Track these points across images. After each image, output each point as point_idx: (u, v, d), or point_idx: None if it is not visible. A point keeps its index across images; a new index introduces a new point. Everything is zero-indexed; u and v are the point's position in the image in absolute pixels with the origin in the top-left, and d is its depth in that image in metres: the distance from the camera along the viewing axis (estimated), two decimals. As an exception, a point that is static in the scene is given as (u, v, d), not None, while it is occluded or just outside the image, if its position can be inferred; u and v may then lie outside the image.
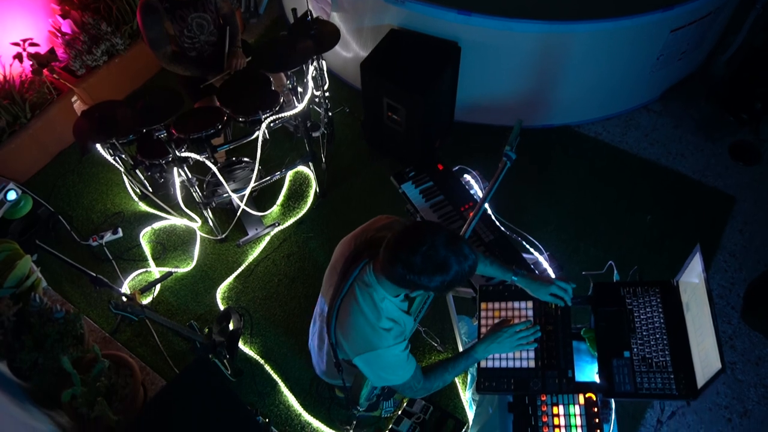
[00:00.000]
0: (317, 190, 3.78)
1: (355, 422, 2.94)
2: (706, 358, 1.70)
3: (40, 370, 2.67)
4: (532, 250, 2.61)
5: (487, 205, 2.84)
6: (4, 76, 3.80)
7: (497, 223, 2.63)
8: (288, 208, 3.80)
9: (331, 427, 2.97)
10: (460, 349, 3.10)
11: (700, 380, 1.73)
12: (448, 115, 3.88)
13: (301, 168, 3.91)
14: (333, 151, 4.01)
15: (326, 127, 3.86)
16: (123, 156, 3.28)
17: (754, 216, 3.65)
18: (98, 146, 3.25)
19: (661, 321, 1.92)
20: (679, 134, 4.04)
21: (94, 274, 2.79)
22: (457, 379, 3.07)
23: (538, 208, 3.68)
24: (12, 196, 3.51)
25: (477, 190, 2.86)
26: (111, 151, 3.32)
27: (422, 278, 1.54)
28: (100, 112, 3.03)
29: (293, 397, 3.08)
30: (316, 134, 3.91)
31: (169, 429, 2.16)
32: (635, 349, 1.89)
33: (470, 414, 2.90)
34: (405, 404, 2.94)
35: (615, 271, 2.13)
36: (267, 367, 3.18)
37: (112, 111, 3.02)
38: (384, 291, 1.70)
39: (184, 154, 3.04)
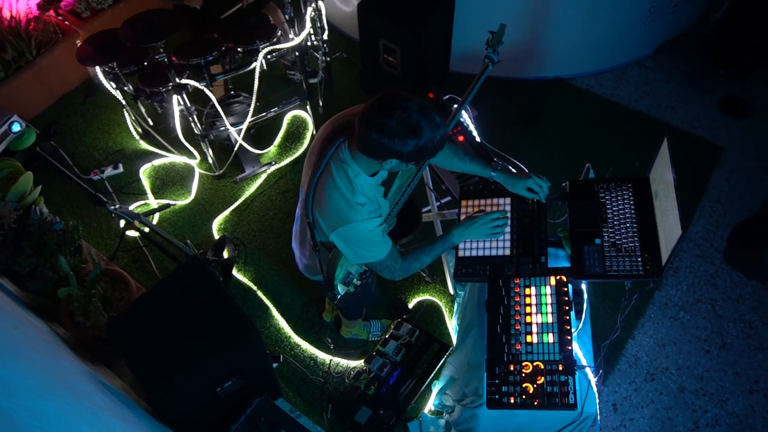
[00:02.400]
0: (314, 133, 3.87)
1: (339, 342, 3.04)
2: (670, 233, 1.78)
3: (38, 277, 2.77)
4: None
5: (476, 134, 2.94)
6: (11, 13, 3.90)
7: (481, 142, 2.72)
8: (285, 148, 3.89)
9: (319, 349, 3.06)
10: (448, 280, 3.19)
11: (665, 256, 1.81)
12: (443, 61, 3.96)
13: (299, 112, 4.00)
14: (330, 97, 4.10)
15: (324, 73, 3.95)
16: (125, 88, 3.38)
17: (741, 165, 3.72)
18: (101, 76, 3.35)
19: (632, 211, 2.00)
20: (670, 88, 4.11)
21: (93, 191, 2.89)
22: (443, 308, 3.15)
23: (527, 151, 3.75)
24: (16, 128, 3.59)
25: (466, 118, 2.94)
26: (114, 84, 3.43)
27: (396, 141, 1.61)
28: (103, 38, 3.13)
29: (284, 320, 3.17)
30: (314, 80, 3.99)
31: (159, 320, 2.24)
32: (606, 237, 1.97)
33: (455, 339, 2.99)
34: (392, 328, 3.03)
35: (591, 172, 2.21)
36: (259, 293, 3.27)
37: (114, 36, 3.11)
38: (358, 167, 1.77)
39: (183, 81, 3.13)
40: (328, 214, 1.80)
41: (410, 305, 3.18)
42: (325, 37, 3.75)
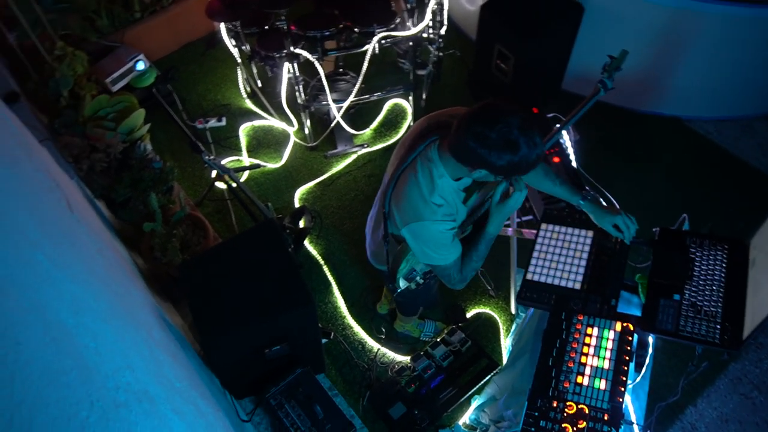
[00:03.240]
0: (410, 125, 3.88)
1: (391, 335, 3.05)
2: (760, 307, 1.64)
3: (130, 208, 2.96)
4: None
5: (573, 158, 2.84)
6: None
7: (577, 168, 2.63)
8: (380, 134, 3.93)
9: (370, 335, 3.09)
10: (512, 299, 3.12)
11: (748, 330, 1.68)
12: (556, 77, 3.84)
13: (401, 101, 4.02)
14: (435, 92, 4.08)
15: (434, 67, 3.93)
16: (243, 47, 3.52)
17: None
18: (224, 32, 3.51)
19: (722, 274, 1.87)
20: (799, 152, 3.80)
21: (194, 139, 3.04)
22: (501, 325, 3.09)
23: (623, 187, 3.56)
24: (140, 66, 3.86)
25: (566, 141, 2.85)
26: (234, 41, 3.58)
27: (491, 154, 1.58)
28: (233, -2, 3.27)
29: (342, 299, 3.22)
30: (422, 72, 3.98)
31: (226, 272, 2.34)
32: (687, 294, 1.85)
33: (505, 359, 2.92)
34: (445, 333, 3.01)
35: (686, 223, 2.08)
36: (325, 268, 3.34)
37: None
38: (444, 169, 1.76)
39: (297, 51, 3.22)
40: (404, 208, 1.80)
41: (468, 314, 3.14)
42: (443, 32, 3.73)
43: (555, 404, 1.72)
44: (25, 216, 1.13)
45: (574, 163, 2.73)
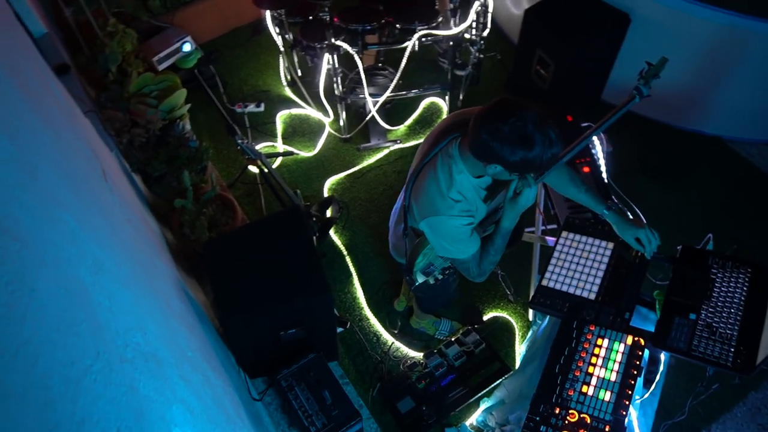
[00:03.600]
0: (445, 124, 3.89)
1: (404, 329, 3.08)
2: (775, 333, 1.62)
3: (164, 183, 3.05)
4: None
5: (604, 170, 2.81)
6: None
7: (607, 181, 2.60)
8: (414, 131, 3.95)
9: (385, 329, 3.12)
10: (531, 309, 3.10)
11: (761, 356, 1.65)
12: (596, 87, 3.80)
13: (438, 100, 4.03)
14: (472, 94, 4.08)
15: (473, 68, 3.93)
16: (287, 36, 3.59)
17: None
18: (269, 20, 3.58)
19: (742, 298, 1.83)
20: None
21: (231, 122, 3.11)
22: (517, 331, 3.08)
23: (653, 202, 3.52)
24: (187, 47, 3.97)
25: (598, 151, 2.82)
26: (278, 29, 3.65)
27: (504, 148, 1.58)
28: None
29: (362, 291, 3.25)
30: (461, 73, 3.98)
31: (250, 253, 2.40)
32: (703, 314, 1.83)
33: (518, 365, 2.92)
34: (460, 333, 3.02)
35: (711, 243, 2.05)
36: (348, 259, 3.38)
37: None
38: (463, 165, 1.77)
39: (337, 43, 3.27)
40: (422, 202, 1.83)
41: (485, 317, 3.14)
42: (485, 34, 3.73)
43: (557, 411, 1.72)
44: (58, 178, 1.20)
45: (604, 175, 2.70)
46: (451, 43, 3.48)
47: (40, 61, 2.26)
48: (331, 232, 3.46)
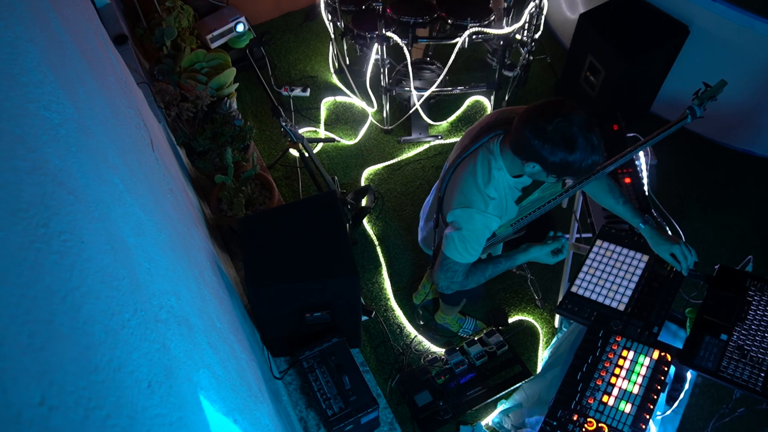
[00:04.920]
0: (488, 123, 3.87)
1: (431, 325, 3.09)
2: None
3: (207, 158, 3.13)
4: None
5: (645, 182, 2.76)
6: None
7: (648, 193, 2.56)
8: (456, 128, 3.94)
9: (410, 321, 3.14)
10: (557, 315, 3.08)
11: (792, 384, 1.61)
12: (646, 98, 3.72)
13: (483, 99, 4.01)
14: (518, 96, 4.05)
15: (522, 70, 3.90)
16: (338, 23, 3.62)
17: None
18: (322, 6, 3.62)
19: (778, 323, 1.79)
20: None
21: (276, 104, 3.16)
22: (541, 337, 3.06)
23: (694, 219, 3.45)
24: (240, 28, 4.04)
25: (642, 163, 2.77)
26: (330, 16, 3.69)
27: (545, 147, 1.58)
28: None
29: (389, 282, 3.28)
30: (509, 73, 3.95)
31: (283, 233, 2.44)
32: (735, 336, 1.79)
33: (539, 370, 2.90)
34: (483, 333, 3.01)
35: (750, 265, 2.00)
36: (378, 249, 3.41)
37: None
38: (503, 162, 1.77)
39: (388, 34, 3.28)
40: (457, 193, 1.82)
41: (510, 320, 3.13)
42: (537, 36, 3.69)
43: (575, 418, 1.71)
44: (110, 141, 1.25)
45: (646, 187, 2.65)
46: (501, 42, 3.46)
47: (101, 29, 2.33)
48: (365, 221, 3.49)
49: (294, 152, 3.62)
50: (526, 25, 3.55)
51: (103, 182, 1.06)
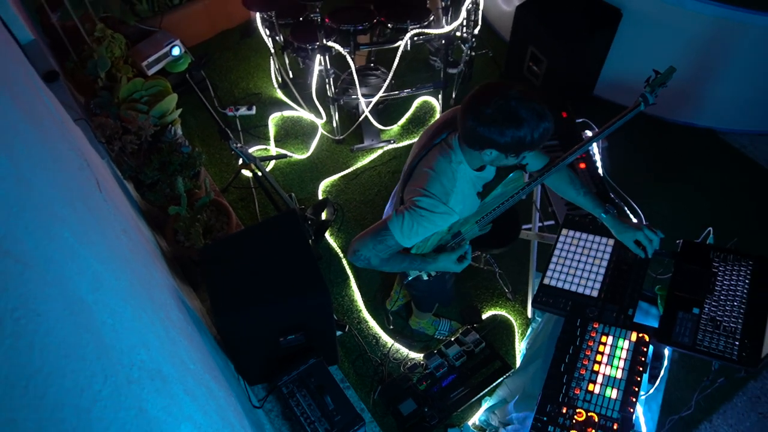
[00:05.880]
0: (439, 122, 3.87)
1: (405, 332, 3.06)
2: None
3: (157, 190, 3.02)
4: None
5: (600, 165, 2.81)
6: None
7: (603, 176, 2.60)
8: (407, 130, 3.93)
9: (384, 330, 3.10)
10: (529, 303, 3.10)
11: (766, 348, 1.65)
12: (588, 83, 3.80)
13: (430, 99, 4.02)
14: (465, 91, 4.07)
15: (465, 66, 3.92)
16: (277, 38, 3.56)
17: None
18: (259, 22, 3.55)
19: (744, 291, 1.83)
20: (836, 171, 3.69)
21: (223, 126, 3.08)
22: (516, 329, 3.08)
23: (649, 197, 3.53)
24: (176, 51, 3.92)
25: (594, 147, 2.81)
26: (268, 31, 3.62)
27: (492, 130, 1.58)
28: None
29: (359, 293, 3.23)
30: (453, 71, 3.97)
31: (246, 258, 2.37)
32: (706, 309, 1.82)
33: (518, 363, 2.91)
34: (459, 333, 3.01)
35: (711, 237, 2.05)
36: (344, 261, 3.36)
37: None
38: (462, 156, 1.77)
39: (329, 43, 3.24)
40: (419, 185, 1.79)
41: (484, 316, 3.13)
42: (476, 31, 3.71)
43: (564, 410, 1.71)
44: (55, 192, 1.17)
45: (600, 171, 2.69)
46: (442, 41, 3.47)
47: (29, 68, 2.21)
48: (327, 234, 3.44)
49: (247, 173, 3.54)
50: (465, 21, 3.56)
51: (52, 239, 0.98)
